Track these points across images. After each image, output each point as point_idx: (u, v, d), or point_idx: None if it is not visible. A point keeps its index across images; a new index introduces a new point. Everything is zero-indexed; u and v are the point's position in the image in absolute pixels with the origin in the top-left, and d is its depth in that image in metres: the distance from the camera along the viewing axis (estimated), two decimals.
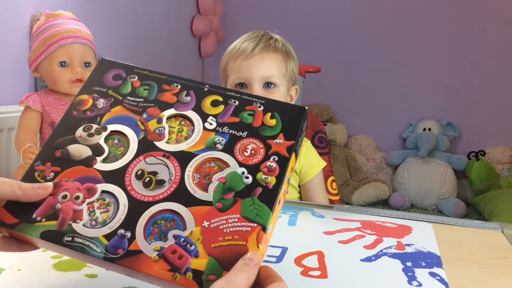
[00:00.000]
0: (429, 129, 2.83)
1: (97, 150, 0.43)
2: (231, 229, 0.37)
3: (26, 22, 1.49)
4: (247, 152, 0.42)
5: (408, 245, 0.65)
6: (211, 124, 0.44)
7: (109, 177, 0.41)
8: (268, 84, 0.91)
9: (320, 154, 1.10)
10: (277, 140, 0.42)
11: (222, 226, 0.37)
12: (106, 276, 0.54)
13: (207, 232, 0.37)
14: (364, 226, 0.73)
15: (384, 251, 0.63)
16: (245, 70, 0.91)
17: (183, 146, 0.42)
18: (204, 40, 2.96)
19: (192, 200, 0.39)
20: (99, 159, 0.42)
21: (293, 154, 0.42)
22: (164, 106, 0.46)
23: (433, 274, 0.56)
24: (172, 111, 0.45)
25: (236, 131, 0.43)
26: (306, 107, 0.45)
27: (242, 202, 0.38)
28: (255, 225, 0.37)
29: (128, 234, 0.37)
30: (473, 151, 2.80)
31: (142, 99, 0.46)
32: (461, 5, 2.80)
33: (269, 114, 0.44)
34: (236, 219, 0.37)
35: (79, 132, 0.44)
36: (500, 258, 0.62)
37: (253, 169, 0.40)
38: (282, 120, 0.44)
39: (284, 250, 0.62)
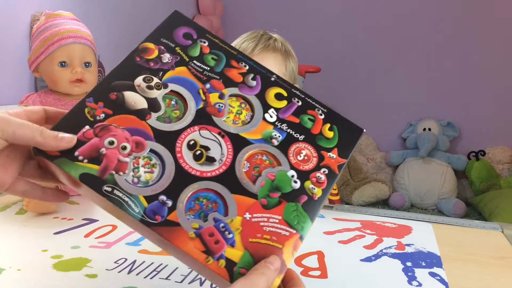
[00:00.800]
0: (429, 129, 2.83)
1: (153, 105, 0.41)
2: (271, 228, 0.37)
3: (26, 22, 1.49)
4: (300, 156, 0.42)
5: (408, 245, 0.65)
6: (271, 116, 0.43)
7: (160, 137, 0.39)
8: None
9: None
10: (330, 154, 0.42)
11: (262, 223, 0.37)
12: (106, 276, 0.54)
13: (248, 224, 0.37)
14: (364, 226, 0.73)
15: (384, 251, 0.63)
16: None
17: (240, 130, 0.42)
18: None
19: (239, 188, 0.38)
20: (153, 115, 0.40)
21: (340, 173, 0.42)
22: (229, 82, 0.44)
23: (433, 274, 0.56)
24: (236, 90, 0.44)
25: (294, 132, 0.43)
26: (364, 130, 0.46)
27: (286, 205, 0.38)
28: (294, 231, 0.37)
29: (169, 202, 0.36)
30: (473, 151, 2.80)
31: (209, 68, 0.45)
32: (461, 5, 2.80)
33: (328, 125, 0.44)
34: (277, 220, 0.37)
35: (139, 81, 0.42)
36: (500, 258, 0.62)
37: (303, 175, 0.40)
38: (339, 135, 0.44)
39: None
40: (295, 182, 0.40)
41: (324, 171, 0.41)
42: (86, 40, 0.95)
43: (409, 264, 0.59)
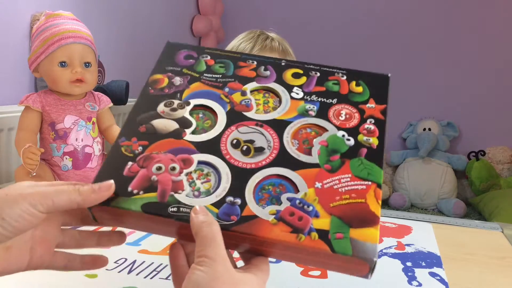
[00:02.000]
0: (429, 129, 2.83)
1: (184, 123, 0.41)
2: (346, 188, 0.37)
3: (26, 22, 1.49)
4: (341, 116, 0.42)
5: (408, 245, 0.65)
6: (297, 94, 0.44)
7: (203, 147, 0.40)
8: None
9: None
10: (369, 105, 0.43)
11: (336, 186, 0.37)
12: (106, 276, 0.54)
13: (322, 192, 0.36)
14: None
15: (384, 251, 0.63)
16: None
17: (274, 115, 0.42)
18: (204, 40, 2.96)
19: (298, 164, 0.38)
20: (188, 131, 0.41)
21: (387, 118, 0.42)
22: (245, 80, 0.45)
23: (433, 274, 0.56)
24: (254, 84, 0.45)
25: (325, 99, 0.43)
26: (389, 74, 0.46)
27: (350, 163, 0.38)
28: (369, 183, 0.37)
29: (238, 200, 0.36)
30: (473, 151, 2.80)
31: (220, 75, 0.46)
32: (461, 4, 2.80)
33: (354, 82, 0.45)
34: (348, 179, 0.37)
35: (161, 107, 0.43)
36: (500, 258, 0.62)
37: (353, 132, 0.41)
38: (368, 86, 0.44)
39: None
40: (348, 139, 0.40)
41: (370, 121, 0.41)
42: (86, 40, 0.95)
43: (409, 264, 0.59)
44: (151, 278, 0.53)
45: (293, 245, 0.34)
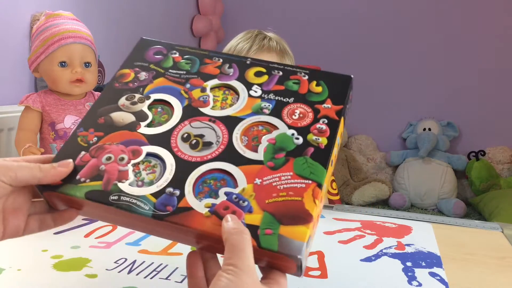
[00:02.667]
0: (429, 129, 2.83)
1: (140, 116, 0.43)
2: (285, 185, 0.37)
3: (26, 22, 1.49)
4: (295, 115, 0.42)
5: (408, 245, 0.65)
6: (256, 92, 0.44)
7: (154, 140, 0.41)
8: None
9: None
10: (325, 105, 0.43)
11: (275, 183, 0.37)
12: (106, 276, 0.54)
13: (260, 189, 0.37)
14: (364, 226, 0.73)
15: (384, 251, 0.63)
16: None
17: (229, 112, 0.43)
18: (204, 40, 2.96)
19: (242, 160, 0.39)
20: (143, 124, 0.42)
21: (342, 119, 0.42)
22: (207, 77, 0.46)
23: (433, 274, 0.56)
24: (215, 81, 0.46)
25: (282, 97, 0.44)
26: (352, 75, 0.46)
27: (294, 161, 0.38)
28: (310, 182, 0.37)
29: (177, 192, 0.37)
30: (473, 151, 2.80)
31: (184, 72, 0.47)
32: (461, 5, 2.80)
33: (314, 82, 0.45)
34: (289, 177, 0.37)
35: (122, 101, 0.44)
36: (500, 258, 0.62)
37: (303, 131, 0.41)
38: (328, 86, 0.45)
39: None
40: (297, 138, 0.40)
41: (323, 121, 0.42)
42: (86, 40, 0.95)
43: (409, 264, 0.59)
44: (151, 278, 0.53)
45: (220, 237, 0.34)
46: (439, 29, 2.85)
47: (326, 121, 0.41)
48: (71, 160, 0.39)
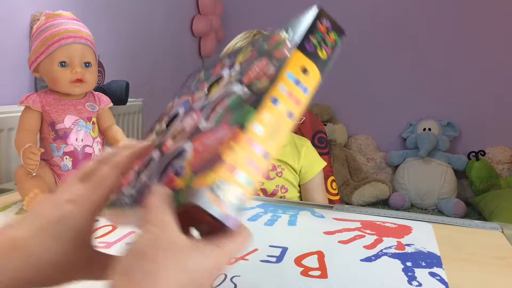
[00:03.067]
0: (429, 129, 2.83)
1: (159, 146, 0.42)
2: (217, 137, 0.33)
3: (26, 22, 1.49)
4: (253, 73, 0.37)
5: (408, 245, 0.65)
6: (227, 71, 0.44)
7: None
8: None
9: (320, 154, 1.10)
10: (280, 50, 0.37)
11: (209, 141, 0.33)
12: None
13: (197, 154, 0.33)
14: (364, 226, 0.73)
15: (384, 251, 0.63)
16: None
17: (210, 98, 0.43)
18: (204, 40, 2.96)
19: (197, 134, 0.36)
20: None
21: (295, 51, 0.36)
22: (212, 78, 0.45)
23: (433, 274, 0.56)
24: (216, 78, 0.44)
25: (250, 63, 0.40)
26: (316, 8, 0.41)
27: (230, 113, 0.35)
28: (236, 126, 0.32)
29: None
30: (473, 151, 2.80)
31: (197, 81, 0.48)
32: (462, 4, 2.80)
33: (283, 30, 0.40)
34: (226, 129, 0.33)
35: (152, 137, 0.44)
36: (500, 258, 0.62)
37: (247, 82, 0.37)
38: (291, 28, 0.40)
39: (284, 250, 0.62)
40: (239, 91, 0.37)
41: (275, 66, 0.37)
42: (86, 40, 0.95)
43: (409, 264, 0.59)
44: None
45: None
46: (439, 29, 2.85)
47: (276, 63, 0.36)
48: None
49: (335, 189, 1.24)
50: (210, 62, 0.47)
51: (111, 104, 1.02)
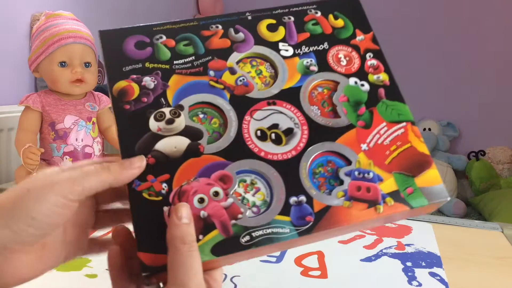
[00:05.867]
0: (429, 129, 2.83)
1: (192, 133, 0.34)
2: (389, 138, 0.35)
3: (26, 22, 1.49)
4: (342, 61, 0.38)
5: (408, 245, 0.65)
6: (287, 50, 0.38)
7: (230, 155, 0.33)
8: None
9: None
10: (358, 37, 0.40)
11: (380, 141, 0.35)
12: (106, 276, 0.53)
13: (372, 153, 0.34)
14: None
15: (384, 251, 0.63)
16: None
17: (279, 85, 0.37)
18: None
19: (332, 132, 0.35)
20: (203, 142, 0.34)
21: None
22: (223, 53, 0.38)
23: (433, 274, 0.56)
24: (236, 56, 0.38)
25: (316, 46, 0.39)
26: None
27: (376, 110, 0.36)
28: (404, 123, 0.36)
29: (303, 197, 0.32)
30: (473, 151, 2.80)
31: (193, 57, 0.37)
32: (461, 5, 2.80)
33: (331, 16, 0.41)
34: (386, 128, 0.35)
35: (154, 125, 0.34)
36: (500, 258, 0.62)
37: (362, 75, 0.38)
38: (347, 16, 0.41)
39: (284, 250, 0.62)
40: (362, 85, 0.37)
41: (370, 56, 0.39)
42: (86, 40, 0.95)
43: (409, 264, 0.59)
44: None
45: (375, 219, 0.32)
46: (439, 29, 2.85)
47: (372, 55, 0.39)
48: (143, 157, 0.32)
49: None
50: (172, 27, 0.39)
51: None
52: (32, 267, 0.31)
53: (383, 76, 0.38)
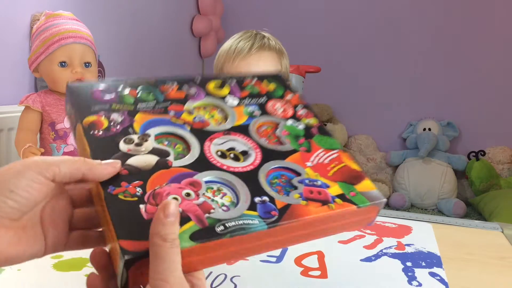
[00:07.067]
0: (429, 129, 2.83)
1: (160, 153, 0.39)
2: (328, 158, 0.43)
3: (26, 22, 1.49)
4: (279, 110, 0.47)
5: (408, 245, 0.65)
6: (234, 101, 0.47)
7: (197, 167, 0.38)
8: None
9: None
10: (288, 96, 0.49)
11: (320, 161, 0.42)
12: None
13: (316, 168, 0.41)
14: (364, 226, 0.73)
15: (384, 251, 0.63)
16: (244, 69, 0.91)
17: (230, 123, 0.44)
18: (204, 40, 2.96)
19: (282, 154, 0.42)
20: (170, 159, 0.38)
21: None
22: (180, 101, 0.44)
23: (433, 274, 0.56)
24: (192, 103, 0.45)
25: (257, 100, 0.47)
26: (279, 73, 0.53)
27: (314, 141, 0.44)
28: (337, 150, 0.44)
29: (265, 198, 0.37)
30: (473, 151, 2.80)
31: (155, 102, 0.43)
32: (461, 5, 2.80)
33: (265, 82, 0.50)
34: (323, 152, 0.43)
35: (124, 147, 0.38)
36: (500, 258, 0.62)
37: (296, 119, 0.46)
38: (275, 83, 0.50)
39: (284, 250, 0.62)
40: (298, 125, 0.46)
41: (300, 107, 0.48)
42: (86, 40, 0.95)
43: (409, 264, 0.59)
44: None
45: (329, 214, 0.38)
46: (439, 29, 2.85)
47: (301, 107, 0.48)
48: (119, 161, 0.36)
49: None
50: (133, 82, 0.46)
51: None
52: (12, 245, 0.33)
53: (313, 121, 0.47)
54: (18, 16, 1.46)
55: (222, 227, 0.34)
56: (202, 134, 0.41)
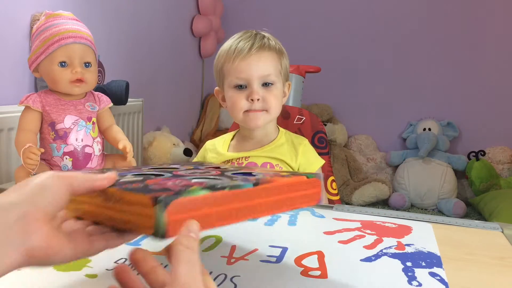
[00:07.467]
0: (429, 129, 2.83)
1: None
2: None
3: (26, 22, 1.49)
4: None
5: (408, 245, 0.65)
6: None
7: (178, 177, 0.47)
8: (266, 84, 0.93)
9: (320, 154, 1.10)
10: None
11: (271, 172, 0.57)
12: (106, 276, 0.54)
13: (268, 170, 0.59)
14: (364, 226, 0.73)
15: (384, 251, 0.63)
16: (244, 70, 0.91)
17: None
18: (204, 40, 2.96)
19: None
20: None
21: None
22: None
23: (433, 274, 0.56)
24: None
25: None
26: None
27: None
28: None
29: (240, 175, 0.50)
30: (473, 151, 2.80)
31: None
32: (461, 5, 2.80)
33: None
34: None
35: None
36: (500, 258, 0.62)
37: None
38: None
39: (284, 250, 0.62)
40: None
41: None
42: (86, 40, 0.95)
43: (409, 264, 0.59)
44: None
45: (290, 181, 0.48)
46: (439, 29, 2.85)
47: None
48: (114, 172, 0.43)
49: (335, 189, 1.24)
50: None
51: (111, 104, 1.02)
52: (50, 239, 0.36)
53: None
54: (18, 16, 1.46)
55: (220, 186, 0.41)
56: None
